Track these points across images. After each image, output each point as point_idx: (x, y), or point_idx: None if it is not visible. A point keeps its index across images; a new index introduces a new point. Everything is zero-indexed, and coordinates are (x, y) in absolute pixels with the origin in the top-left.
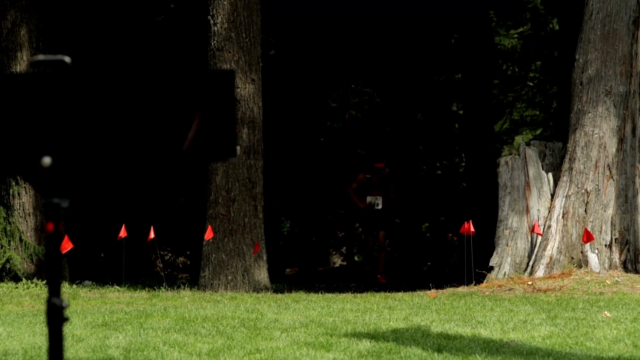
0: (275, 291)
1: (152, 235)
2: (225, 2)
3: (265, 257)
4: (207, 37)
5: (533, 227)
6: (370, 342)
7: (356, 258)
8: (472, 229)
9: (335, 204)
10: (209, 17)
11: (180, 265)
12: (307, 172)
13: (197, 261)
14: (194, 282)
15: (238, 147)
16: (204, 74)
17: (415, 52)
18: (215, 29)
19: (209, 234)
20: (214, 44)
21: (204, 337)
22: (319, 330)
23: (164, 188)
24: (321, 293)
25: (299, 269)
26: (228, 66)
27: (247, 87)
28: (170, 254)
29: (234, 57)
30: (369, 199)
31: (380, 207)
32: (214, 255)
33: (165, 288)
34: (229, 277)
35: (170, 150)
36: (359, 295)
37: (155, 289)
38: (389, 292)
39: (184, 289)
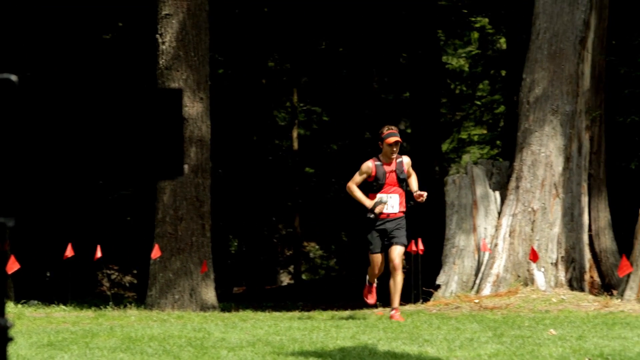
0: (223, 310)
1: (98, 254)
2: (174, 21)
3: (212, 276)
4: (155, 55)
5: (481, 245)
6: None
7: (304, 276)
8: (421, 248)
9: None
10: (158, 35)
11: (127, 284)
12: (255, 190)
13: (144, 280)
14: (140, 301)
15: (186, 166)
16: (152, 93)
17: (364, 71)
18: (164, 47)
19: (155, 253)
20: (163, 62)
21: (150, 357)
22: (266, 349)
23: (111, 207)
24: (269, 312)
25: (246, 288)
26: (176, 85)
27: (195, 105)
28: (117, 273)
29: (182, 75)
30: (378, 196)
31: (395, 210)
32: (161, 274)
33: (111, 307)
34: (176, 296)
35: (118, 170)
36: (306, 313)
37: (101, 308)
38: (336, 310)
39: (130, 308)
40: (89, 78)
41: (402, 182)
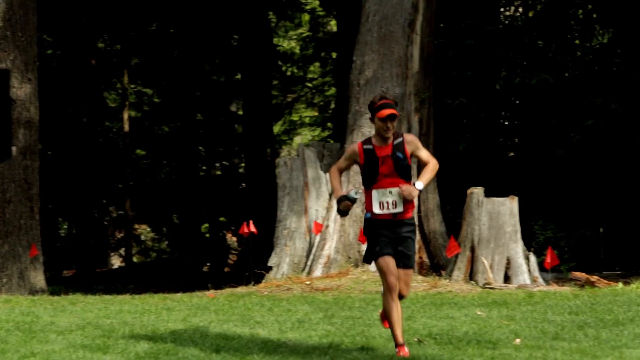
0: (52, 293)
1: None
2: (0, 1)
3: (41, 259)
4: None
5: (313, 227)
6: (148, 343)
7: (135, 259)
8: (253, 229)
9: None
10: None
11: None
12: (85, 172)
13: None
14: None
15: (14, 148)
16: None
17: (195, 53)
18: None
19: None
20: None
21: None
22: (95, 333)
23: None
24: (99, 295)
25: (76, 271)
26: (4, 65)
27: (23, 87)
28: None
29: (9, 56)
30: (352, 191)
31: (399, 208)
32: None
33: None
34: (4, 280)
35: None
36: (137, 296)
37: None
38: (167, 293)
39: None
40: None
41: (405, 171)
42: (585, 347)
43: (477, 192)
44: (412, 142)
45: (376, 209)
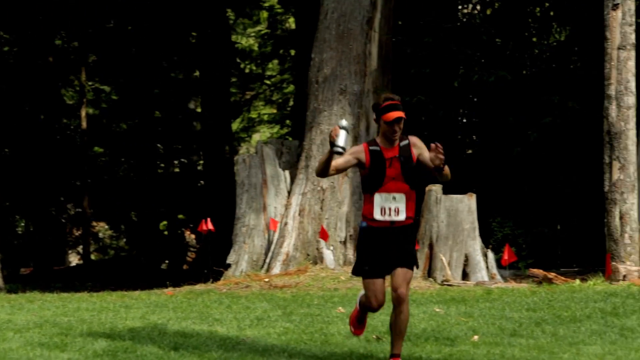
0: (9, 291)
1: None
2: None
3: None
4: None
5: (270, 224)
6: (106, 341)
7: (93, 257)
8: (211, 227)
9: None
10: None
11: None
12: (42, 170)
13: None
14: None
15: None
16: None
17: (153, 50)
18: None
19: None
20: None
21: None
22: (53, 331)
23: None
24: (57, 293)
25: (34, 269)
26: None
27: None
28: None
29: None
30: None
31: (400, 216)
32: None
33: None
34: None
35: None
36: (95, 294)
37: None
38: (125, 290)
39: None
40: None
41: (411, 174)
42: (543, 344)
43: (436, 189)
44: (419, 145)
45: (377, 215)
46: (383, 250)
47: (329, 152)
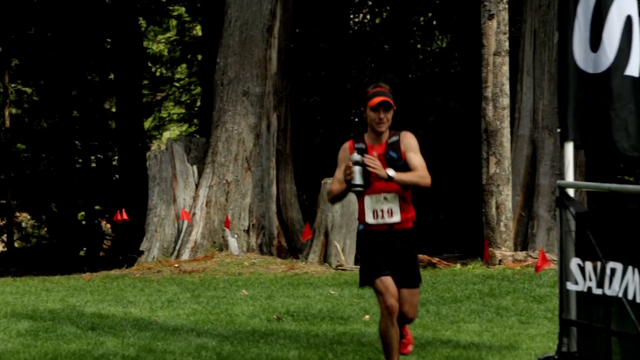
0: None
1: None
2: None
3: None
4: None
5: (180, 214)
6: (28, 322)
7: (16, 244)
8: (126, 217)
9: None
10: None
11: None
12: None
13: None
14: None
15: None
16: None
17: (71, 54)
18: None
19: None
20: None
21: None
22: None
23: None
24: None
25: None
26: None
27: None
28: None
29: None
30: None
31: (395, 218)
32: None
33: None
34: None
35: None
36: (18, 279)
37: None
38: (46, 275)
39: None
40: None
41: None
42: (427, 322)
43: (330, 182)
44: (408, 142)
45: (369, 219)
46: (385, 254)
47: (345, 188)
